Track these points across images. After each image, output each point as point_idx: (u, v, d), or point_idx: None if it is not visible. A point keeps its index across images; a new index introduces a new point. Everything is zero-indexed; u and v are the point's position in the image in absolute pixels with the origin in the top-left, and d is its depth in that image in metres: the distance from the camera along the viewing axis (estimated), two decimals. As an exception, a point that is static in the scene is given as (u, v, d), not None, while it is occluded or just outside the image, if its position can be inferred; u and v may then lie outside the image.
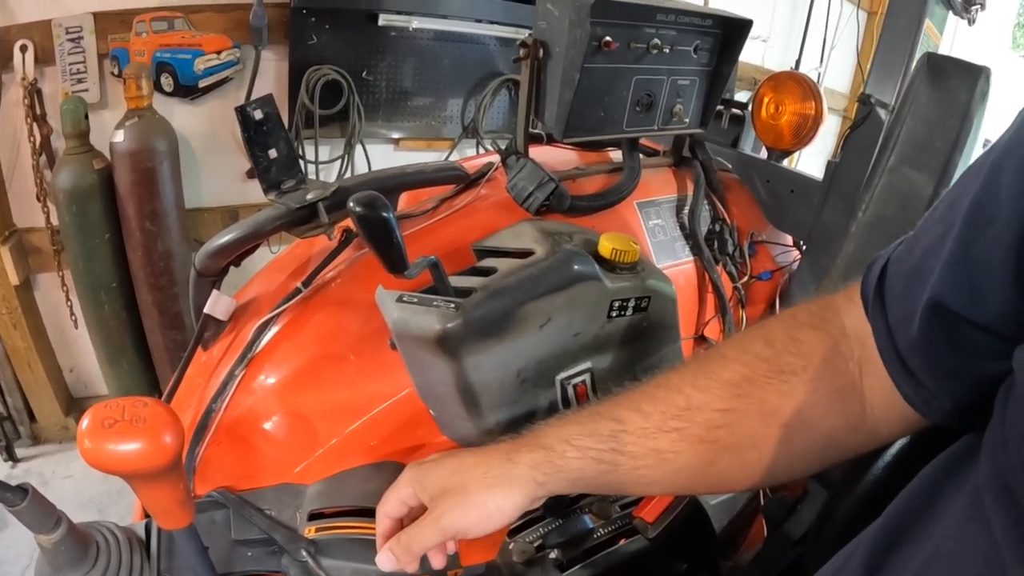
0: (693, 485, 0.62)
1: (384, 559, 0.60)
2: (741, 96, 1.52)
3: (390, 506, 0.62)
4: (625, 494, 0.81)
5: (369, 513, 0.67)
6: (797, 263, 1.30)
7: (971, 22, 1.37)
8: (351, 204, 0.65)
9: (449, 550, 0.64)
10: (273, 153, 0.88)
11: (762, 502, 0.87)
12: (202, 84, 2.12)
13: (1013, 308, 0.41)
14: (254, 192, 2.25)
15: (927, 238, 0.48)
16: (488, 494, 0.58)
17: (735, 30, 1.06)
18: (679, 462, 0.56)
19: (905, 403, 0.51)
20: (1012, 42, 5.84)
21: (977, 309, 0.43)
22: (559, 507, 0.81)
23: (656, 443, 0.56)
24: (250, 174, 2.28)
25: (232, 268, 0.93)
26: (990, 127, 1.01)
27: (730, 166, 1.38)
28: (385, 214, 0.65)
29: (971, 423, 0.48)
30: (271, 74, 2.24)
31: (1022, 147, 0.40)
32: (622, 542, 0.81)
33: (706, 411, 0.56)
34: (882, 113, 1.15)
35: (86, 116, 1.89)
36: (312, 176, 2.35)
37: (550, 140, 1.12)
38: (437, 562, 0.63)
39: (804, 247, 1.29)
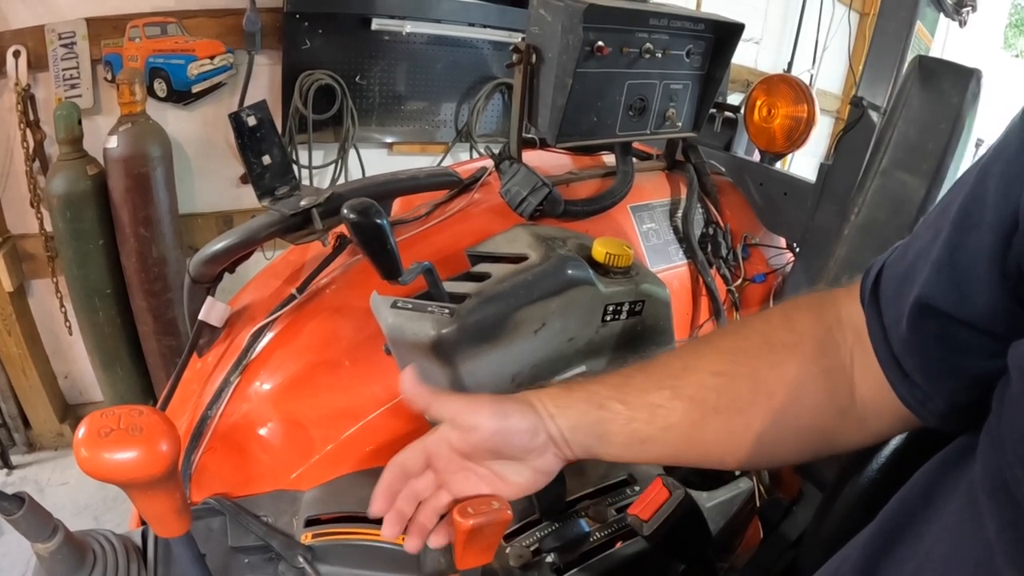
0: (682, 450, 0.63)
1: (409, 383, 0.59)
2: (734, 98, 1.53)
3: (412, 454, 0.61)
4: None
5: (365, 519, 0.67)
6: (790, 265, 1.30)
7: (962, 24, 1.38)
8: (345, 211, 0.65)
9: (442, 542, 0.63)
10: (267, 159, 0.88)
11: (758, 503, 0.87)
12: (195, 89, 2.12)
13: (1000, 308, 0.42)
14: (248, 197, 2.25)
15: (919, 243, 0.49)
16: (507, 409, 0.60)
17: (727, 34, 1.07)
18: (670, 419, 0.59)
19: (898, 401, 0.52)
20: (1004, 42, 5.88)
21: (965, 309, 0.44)
22: (555, 511, 0.81)
23: (652, 397, 0.60)
24: (244, 179, 2.27)
25: (227, 274, 0.93)
26: (982, 127, 1.02)
27: (723, 169, 1.39)
28: (379, 221, 0.65)
29: (966, 425, 0.48)
30: (264, 79, 2.24)
31: (1008, 152, 0.41)
32: (619, 545, 0.81)
33: (700, 373, 0.60)
34: (874, 115, 1.15)
35: (79, 122, 1.88)
36: (306, 181, 2.35)
37: (543, 145, 1.13)
38: (438, 540, 0.61)
39: (797, 249, 1.29)
